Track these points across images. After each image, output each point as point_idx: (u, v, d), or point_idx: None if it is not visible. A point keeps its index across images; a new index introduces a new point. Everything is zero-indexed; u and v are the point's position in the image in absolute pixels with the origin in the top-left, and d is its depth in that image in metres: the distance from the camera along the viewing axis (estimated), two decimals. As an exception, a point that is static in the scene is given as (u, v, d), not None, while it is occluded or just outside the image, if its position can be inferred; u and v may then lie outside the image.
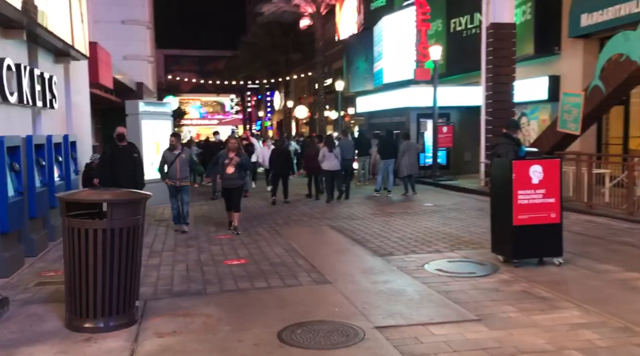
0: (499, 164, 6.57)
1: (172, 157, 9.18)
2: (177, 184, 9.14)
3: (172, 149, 9.28)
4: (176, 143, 9.28)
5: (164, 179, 9.29)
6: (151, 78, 33.32)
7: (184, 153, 9.26)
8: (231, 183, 9.00)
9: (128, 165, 8.55)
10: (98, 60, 14.42)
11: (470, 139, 19.06)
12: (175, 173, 9.10)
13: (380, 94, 21.99)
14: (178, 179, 9.13)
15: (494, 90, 14.74)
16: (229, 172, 8.89)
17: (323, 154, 12.85)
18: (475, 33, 18.28)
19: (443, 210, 11.25)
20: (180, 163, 9.11)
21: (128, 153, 8.70)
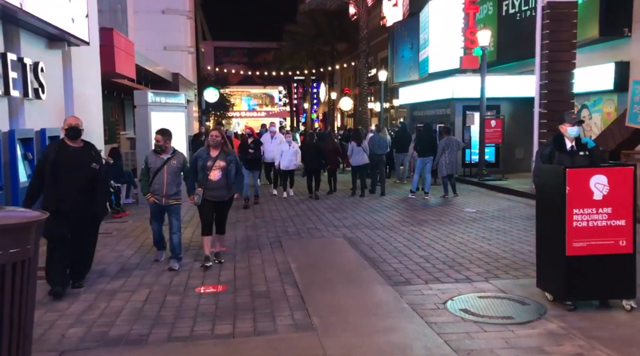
0: (548, 172, 5.02)
1: (158, 163, 6.51)
2: (162, 202, 6.51)
3: (159, 152, 6.58)
4: (164, 144, 6.54)
5: (145, 193, 6.61)
6: (191, 69, 32.69)
7: (175, 158, 6.57)
8: (217, 194, 6.50)
9: (81, 177, 5.46)
10: (115, 48, 13.52)
11: (523, 134, 17.18)
12: (161, 187, 6.45)
13: (423, 84, 20.33)
14: (164, 195, 6.46)
15: (550, 78, 12.88)
16: (212, 178, 6.43)
17: (351, 149, 13.00)
18: (530, 16, 16.33)
19: (485, 218, 9.66)
20: (169, 173, 6.47)
21: (82, 159, 5.54)
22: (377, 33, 32.89)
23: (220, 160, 6.50)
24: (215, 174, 6.46)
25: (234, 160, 6.65)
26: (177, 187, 6.59)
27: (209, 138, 6.66)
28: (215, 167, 6.46)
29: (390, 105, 32.25)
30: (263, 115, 76.69)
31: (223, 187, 6.51)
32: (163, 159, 6.53)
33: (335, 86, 45.88)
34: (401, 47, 26.58)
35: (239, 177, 6.82)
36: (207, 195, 6.48)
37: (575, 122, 5.33)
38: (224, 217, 6.80)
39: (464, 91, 16.96)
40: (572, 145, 5.32)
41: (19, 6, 7.08)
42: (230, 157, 6.59)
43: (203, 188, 6.46)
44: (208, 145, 6.61)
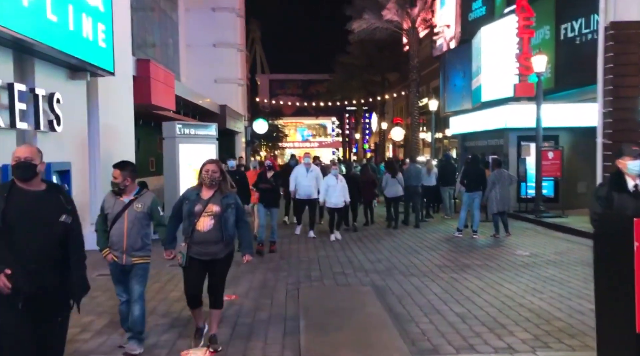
0: (607, 220, 4.00)
1: (116, 208, 4.80)
2: (123, 260, 4.78)
3: (117, 193, 4.83)
4: (124, 182, 4.76)
5: (102, 248, 4.86)
6: (241, 101, 32.81)
7: (141, 200, 4.83)
8: (208, 250, 4.77)
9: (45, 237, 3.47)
10: (151, 79, 13.31)
11: (585, 167, 15.70)
12: (119, 240, 4.76)
13: (474, 113, 19.21)
14: (125, 251, 4.76)
15: (615, 106, 11.61)
16: (201, 228, 4.74)
17: (385, 180, 12.84)
18: (591, 39, 15.09)
19: (539, 264, 8.47)
20: (131, 221, 4.76)
21: (45, 209, 3.53)
22: (428, 62, 32.05)
23: (213, 203, 4.76)
24: (205, 223, 4.72)
25: (233, 204, 4.88)
26: (144, 240, 4.84)
27: (202, 173, 4.88)
28: (206, 213, 4.73)
29: (442, 135, 31.09)
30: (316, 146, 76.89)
31: (216, 241, 4.76)
32: (123, 202, 4.80)
33: (386, 116, 45.12)
34: (453, 76, 25.60)
35: (244, 229, 5.07)
36: (194, 252, 4.75)
37: (638, 154, 4.30)
38: (219, 283, 4.93)
39: (518, 120, 15.75)
40: (637, 183, 4.28)
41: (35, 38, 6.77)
42: (228, 200, 4.85)
43: (188, 242, 4.76)
44: (200, 182, 4.91)
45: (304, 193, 11.57)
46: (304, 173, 11.65)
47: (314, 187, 11.49)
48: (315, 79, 67.17)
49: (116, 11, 11.28)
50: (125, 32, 11.87)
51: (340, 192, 11.14)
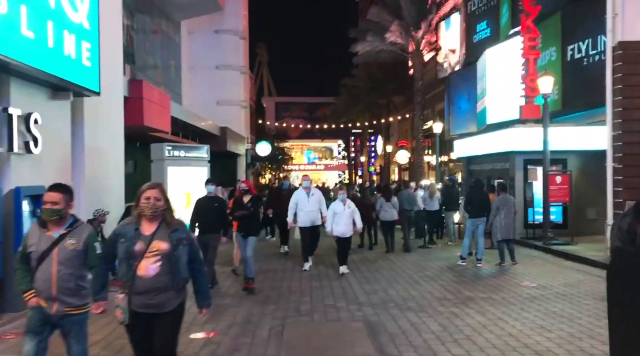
0: (631, 258, 3.46)
1: (43, 244, 3.86)
2: (52, 310, 3.83)
3: (45, 225, 3.93)
4: (65, 208, 3.91)
5: (24, 291, 3.88)
6: (244, 123, 32.58)
7: (74, 235, 3.91)
8: (153, 301, 3.72)
9: None
10: (144, 100, 12.96)
11: (595, 192, 15.14)
12: (47, 285, 3.82)
13: (479, 136, 18.74)
14: (55, 297, 3.82)
15: (625, 128, 11.11)
16: (143, 274, 3.69)
17: (380, 204, 12.72)
18: (599, 60, 14.64)
19: (547, 296, 7.88)
20: (61, 262, 3.84)
21: None
22: (433, 85, 31.74)
23: (159, 240, 3.74)
24: (148, 266, 3.67)
25: (185, 240, 3.85)
26: (79, 284, 3.88)
27: (140, 201, 3.78)
28: (150, 253, 3.69)
29: (448, 158, 30.59)
30: (322, 168, 76.70)
31: (164, 288, 3.71)
32: (52, 237, 3.84)
33: (391, 139, 44.75)
34: (458, 98, 25.21)
35: (200, 273, 3.97)
36: (137, 305, 3.69)
37: None
38: (170, 343, 3.80)
39: (524, 143, 15.25)
40: None
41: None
42: (179, 234, 3.81)
43: (127, 292, 3.68)
44: (138, 214, 3.81)
45: (308, 220, 10.37)
46: (305, 198, 10.48)
47: (318, 212, 10.52)
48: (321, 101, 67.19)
49: (106, 30, 10.98)
50: (116, 51, 11.56)
51: (347, 219, 9.95)
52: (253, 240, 8.52)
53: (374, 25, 28.75)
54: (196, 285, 3.96)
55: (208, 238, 8.28)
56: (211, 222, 8.28)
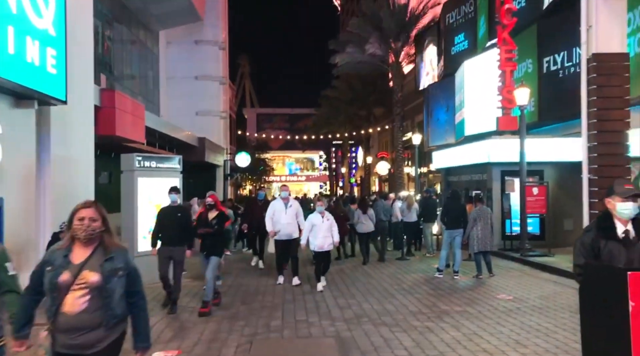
0: (596, 274, 3.33)
1: None
2: None
3: None
4: None
5: None
6: (223, 134, 32.30)
7: None
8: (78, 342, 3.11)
9: None
10: (116, 110, 12.68)
11: (572, 203, 15.18)
12: None
13: (457, 148, 18.74)
14: None
15: (600, 140, 11.08)
16: (69, 310, 3.10)
17: (357, 216, 12.80)
18: (574, 72, 14.75)
19: (523, 310, 7.75)
20: None
21: None
22: (412, 97, 31.87)
23: (89, 269, 3.15)
24: (74, 301, 3.09)
25: (122, 269, 3.23)
26: None
27: (73, 222, 3.20)
28: (77, 286, 3.11)
29: (427, 169, 30.66)
30: (303, 179, 76.60)
31: (92, 327, 3.13)
32: None
33: (372, 150, 44.81)
34: (436, 110, 25.28)
35: (139, 308, 3.34)
36: (61, 345, 3.13)
37: (630, 195, 3.64)
38: None
39: (501, 155, 15.27)
40: (628, 229, 3.63)
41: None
42: (114, 263, 3.21)
43: (51, 329, 3.13)
44: (71, 236, 3.22)
45: (284, 233, 10.00)
46: (282, 209, 10.09)
47: (295, 225, 10.08)
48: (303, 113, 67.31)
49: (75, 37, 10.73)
50: (86, 59, 11.27)
51: (326, 232, 9.49)
52: (215, 261, 7.90)
53: (354, 36, 28.85)
54: (134, 324, 3.32)
55: (172, 251, 7.81)
56: (174, 233, 7.78)
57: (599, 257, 3.54)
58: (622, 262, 3.48)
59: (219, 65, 31.70)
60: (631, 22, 12.22)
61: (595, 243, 3.58)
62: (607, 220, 3.69)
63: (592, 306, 3.28)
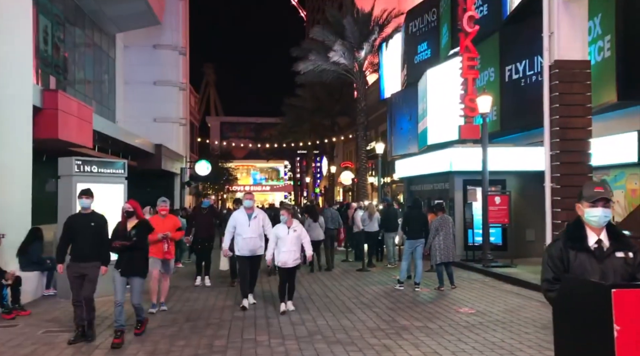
0: (573, 291, 2.86)
1: None
2: None
3: None
4: None
5: None
6: (182, 141, 31.38)
7: None
8: None
9: None
10: (59, 112, 11.86)
11: (534, 213, 15.01)
12: None
13: (419, 157, 18.49)
14: None
15: (562, 148, 10.88)
16: None
17: (308, 224, 12.44)
18: (536, 81, 14.66)
19: (486, 324, 7.33)
20: None
21: None
22: (376, 106, 31.70)
23: None
24: None
25: None
26: None
27: None
28: None
29: (391, 179, 30.45)
30: (268, 189, 75.73)
31: None
32: None
33: (336, 160, 44.51)
34: (399, 119, 25.07)
35: None
36: None
37: (598, 199, 3.20)
38: None
39: (464, 164, 15.01)
40: (600, 239, 3.19)
41: None
42: None
43: None
44: None
45: (247, 248, 8.58)
46: (245, 221, 8.60)
47: (260, 238, 8.73)
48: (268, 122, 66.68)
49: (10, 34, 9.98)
50: (24, 57, 10.49)
51: (292, 246, 8.23)
52: (139, 283, 6.61)
53: (317, 44, 28.49)
54: None
55: (84, 268, 6.47)
56: (87, 246, 6.51)
57: (568, 271, 3.08)
58: (596, 276, 3.04)
59: (179, 71, 30.87)
60: (591, 30, 12.12)
61: (565, 255, 3.12)
62: (577, 229, 3.25)
63: (569, 330, 2.81)
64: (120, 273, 6.54)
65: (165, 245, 8.20)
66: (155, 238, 7.78)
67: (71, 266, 6.59)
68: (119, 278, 6.54)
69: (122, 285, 6.55)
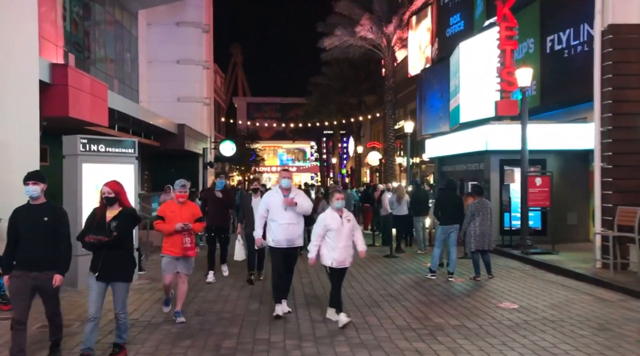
0: None
1: None
2: None
3: None
4: None
5: None
6: (207, 121, 30.79)
7: None
8: None
9: None
10: (69, 88, 11.22)
11: (576, 195, 14.03)
12: None
13: (452, 135, 17.41)
14: None
15: (615, 124, 9.82)
16: None
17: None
18: (582, 51, 13.43)
19: (533, 324, 6.43)
20: None
21: None
22: (405, 83, 30.53)
23: None
24: None
25: None
26: None
27: None
28: None
29: (420, 159, 29.37)
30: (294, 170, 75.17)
31: None
32: None
33: (363, 140, 43.49)
34: (430, 96, 23.92)
35: None
36: None
37: None
38: None
39: (500, 142, 13.93)
40: None
41: None
42: None
43: None
44: None
45: (284, 238, 6.82)
46: (278, 204, 6.86)
47: (300, 226, 6.99)
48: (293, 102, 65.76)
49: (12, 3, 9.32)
50: (29, 30, 9.82)
51: (347, 240, 6.49)
52: (122, 288, 5.11)
53: (343, 19, 27.39)
54: None
55: (35, 279, 4.87)
56: (38, 249, 4.88)
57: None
58: None
59: (203, 49, 30.13)
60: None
61: None
62: None
63: None
64: (97, 277, 5.02)
65: (186, 238, 6.43)
66: (171, 228, 6.36)
67: (17, 276, 4.87)
68: (95, 284, 5.01)
69: (99, 294, 5.01)
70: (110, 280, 5.06)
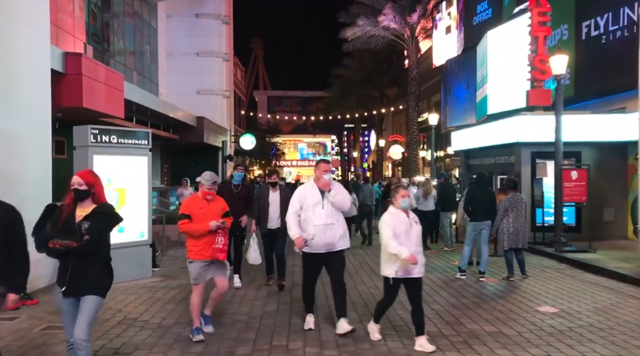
0: None
1: None
2: None
3: None
4: None
5: None
6: (227, 114, 30.43)
7: None
8: None
9: None
10: (83, 78, 10.88)
11: (613, 190, 13.27)
12: None
13: (479, 127, 16.69)
14: None
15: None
16: None
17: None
18: (621, 37, 12.64)
19: (577, 331, 5.83)
20: None
21: None
22: (429, 75, 29.77)
23: None
24: None
25: None
26: None
27: None
28: None
29: (444, 153, 28.64)
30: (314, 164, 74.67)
31: None
32: None
33: (384, 133, 42.79)
34: (455, 87, 23.18)
35: None
36: None
37: None
38: None
39: (532, 134, 13.22)
40: None
41: None
42: None
43: None
44: None
45: (321, 241, 5.68)
46: (318, 200, 5.72)
47: (342, 226, 5.84)
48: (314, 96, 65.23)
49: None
50: (39, 15, 9.44)
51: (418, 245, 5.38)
52: (92, 306, 3.94)
53: (366, 8, 26.74)
54: None
55: None
56: None
57: None
58: None
59: (222, 41, 29.73)
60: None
61: None
62: None
63: None
64: (64, 292, 3.95)
65: (219, 237, 5.48)
66: (206, 228, 5.42)
67: None
68: (64, 303, 3.99)
69: (74, 316, 3.96)
70: (80, 295, 3.94)
